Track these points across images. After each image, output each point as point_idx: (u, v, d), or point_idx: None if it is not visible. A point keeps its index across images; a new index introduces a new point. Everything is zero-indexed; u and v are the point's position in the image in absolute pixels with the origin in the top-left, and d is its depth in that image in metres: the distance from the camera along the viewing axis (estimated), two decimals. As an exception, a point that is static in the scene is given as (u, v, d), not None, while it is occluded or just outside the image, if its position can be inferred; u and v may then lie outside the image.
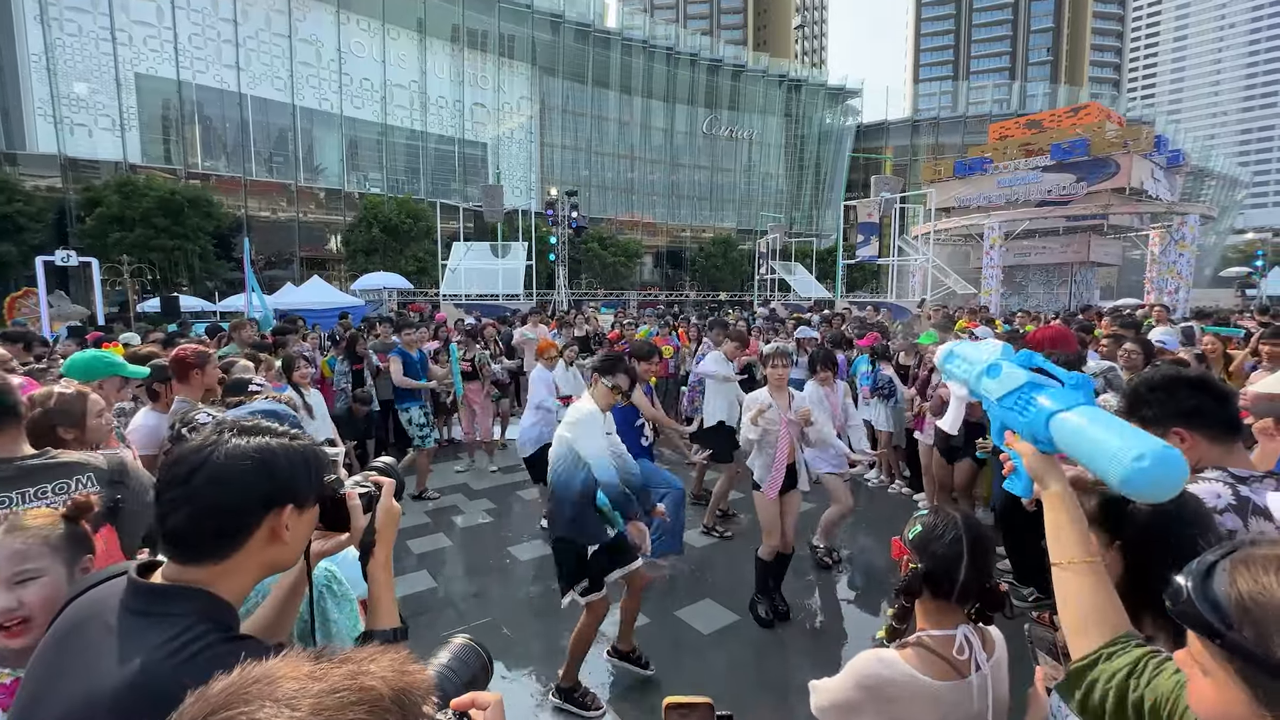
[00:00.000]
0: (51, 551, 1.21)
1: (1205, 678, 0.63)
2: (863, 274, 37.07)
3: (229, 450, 0.88)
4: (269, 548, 0.90)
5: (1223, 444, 1.60)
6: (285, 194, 31.75)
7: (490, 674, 0.94)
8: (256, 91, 30.35)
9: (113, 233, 21.68)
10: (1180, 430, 1.61)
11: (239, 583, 0.89)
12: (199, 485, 0.85)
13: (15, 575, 1.16)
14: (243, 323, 6.47)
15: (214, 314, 17.36)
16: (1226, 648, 0.59)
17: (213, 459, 0.87)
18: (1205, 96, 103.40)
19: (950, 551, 1.26)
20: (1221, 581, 0.61)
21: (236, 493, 0.86)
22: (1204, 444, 1.59)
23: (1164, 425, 1.64)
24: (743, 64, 45.94)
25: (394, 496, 1.09)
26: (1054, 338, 3.79)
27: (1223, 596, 0.60)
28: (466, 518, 5.47)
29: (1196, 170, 42.57)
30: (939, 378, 4.97)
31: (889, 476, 6.28)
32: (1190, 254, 22.27)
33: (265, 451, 0.90)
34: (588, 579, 2.87)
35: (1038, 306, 21.64)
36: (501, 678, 3.22)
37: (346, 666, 0.50)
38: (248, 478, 0.87)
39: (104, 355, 3.01)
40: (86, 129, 26.73)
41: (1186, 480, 0.87)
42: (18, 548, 1.18)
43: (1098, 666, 0.85)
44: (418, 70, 35.23)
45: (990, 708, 1.25)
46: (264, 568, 0.92)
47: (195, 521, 0.85)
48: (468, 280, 20.18)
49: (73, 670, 0.80)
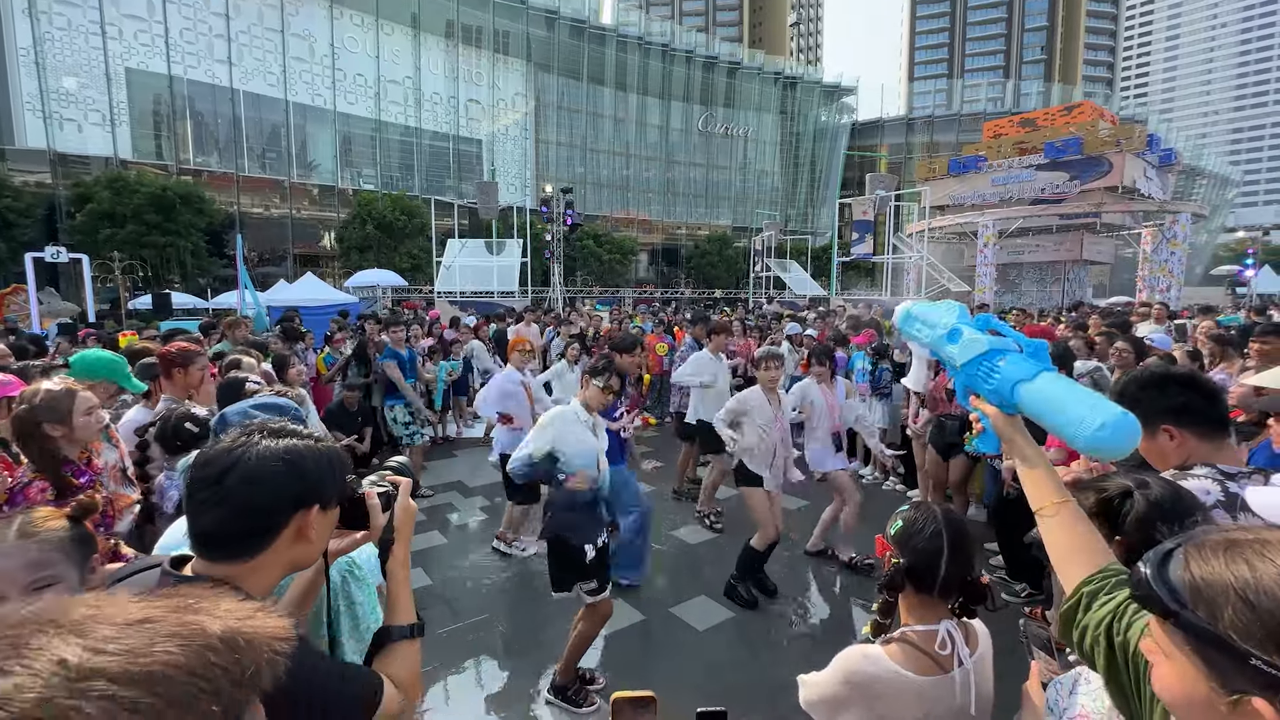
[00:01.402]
0: (65, 557, 1.21)
1: (1167, 661, 0.67)
2: (857, 272, 37.16)
3: (260, 452, 0.91)
4: (295, 546, 0.93)
5: (1212, 440, 1.61)
6: (278, 190, 31.55)
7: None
8: (249, 87, 30.12)
9: (103, 229, 21.49)
10: (1169, 428, 1.63)
11: (265, 579, 0.92)
12: (232, 486, 0.88)
13: (33, 582, 1.16)
14: (238, 320, 6.43)
15: (206, 311, 17.24)
16: (1182, 627, 0.63)
17: (244, 460, 0.90)
18: (1197, 96, 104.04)
19: (931, 546, 1.28)
20: (1177, 566, 0.66)
21: (268, 493, 0.90)
22: (1193, 440, 1.61)
23: (1154, 423, 1.65)
24: (738, 61, 45.89)
25: (410, 494, 1.13)
26: (1037, 335, 3.84)
27: (1177, 580, 0.64)
28: (461, 515, 5.47)
29: (1188, 169, 42.84)
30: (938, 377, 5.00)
31: (883, 473, 6.31)
32: (1182, 252, 22.43)
33: (294, 453, 0.93)
34: (595, 580, 2.84)
35: (1031, 304, 21.76)
36: (497, 673, 3.23)
37: (176, 600, 0.46)
38: (279, 479, 0.90)
39: (110, 360, 2.99)
40: (76, 124, 26.47)
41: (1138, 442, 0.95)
42: (35, 556, 1.17)
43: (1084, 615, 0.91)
44: (412, 66, 35.04)
45: (973, 702, 1.26)
46: (289, 565, 0.96)
47: (227, 522, 0.88)
48: (462, 277, 20.14)
49: None
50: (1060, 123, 26.30)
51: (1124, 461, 2.39)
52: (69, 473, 2.06)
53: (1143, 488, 1.14)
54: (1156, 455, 1.67)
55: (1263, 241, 41.78)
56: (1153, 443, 1.67)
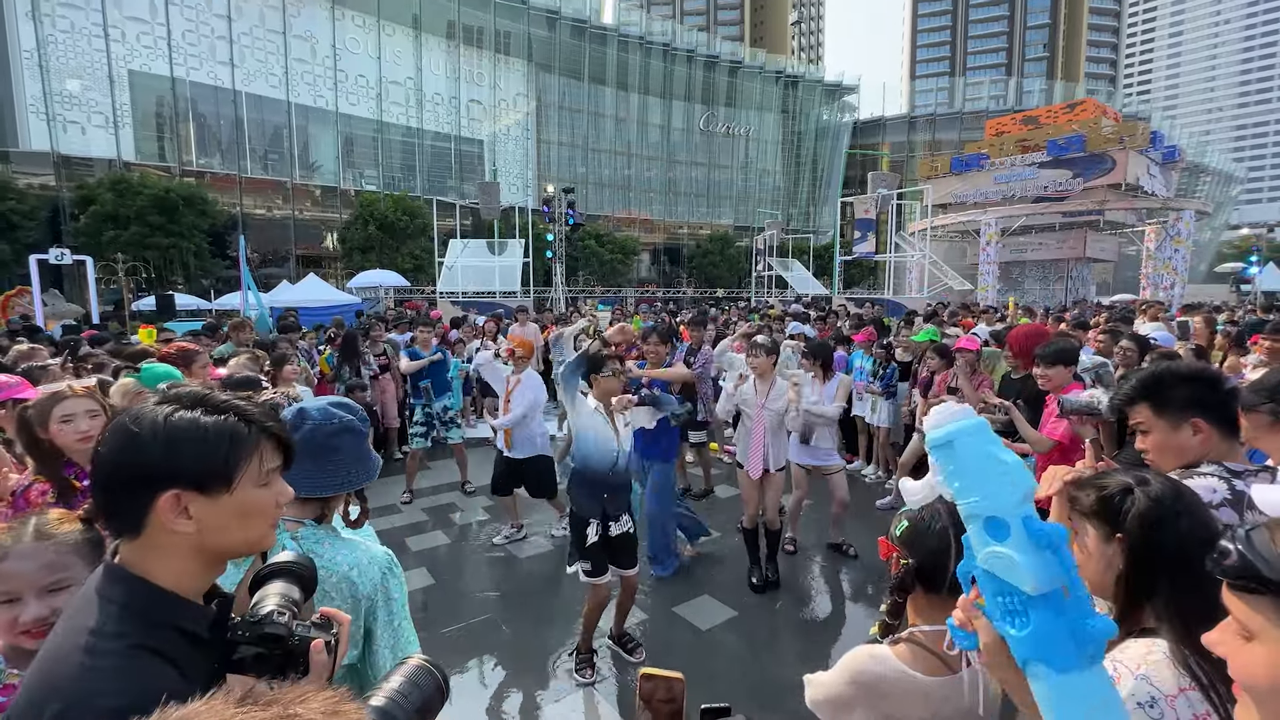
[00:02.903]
0: (80, 559, 1.21)
1: (1252, 645, 0.66)
2: (860, 270, 37.11)
3: (116, 424, 0.82)
4: (181, 532, 0.80)
5: (1229, 440, 1.63)
6: (281, 191, 31.62)
7: (446, 696, 0.85)
8: (251, 88, 30.19)
9: (107, 231, 21.55)
10: (1199, 421, 1.63)
11: (171, 566, 0.81)
12: (96, 455, 0.82)
13: (50, 584, 1.16)
14: (242, 322, 6.45)
15: (210, 313, 17.30)
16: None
17: (113, 428, 0.82)
18: (1200, 92, 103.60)
19: (939, 544, 1.27)
20: (1263, 539, 0.66)
21: (107, 469, 0.81)
22: (1216, 437, 1.62)
23: (1184, 414, 1.65)
24: (739, 60, 45.83)
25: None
26: (1029, 334, 3.89)
27: (1267, 551, 0.65)
28: (464, 515, 5.47)
29: (1191, 166, 42.69)
30: (935, 376, 4.99)
31: (885, 472, 6.30)
32: (1185, 250, 22.37)
33: (143, 425, 0.80)
34: (590, 563, 3.14)
35: (1034, 302, 21.69)
36: (499, 673, 3.24)
37: (273, 709, 0.47)
38: (118, 454, 0.80)
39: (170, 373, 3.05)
40: (80, 126, 26.55)
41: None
42: (52, 559, 1.17)
43: None
44: (413, 67, 35.07)
45: (981, 702, 1.25)
46: (195, 551, 0.83)
47: (94, 493, 0.83)
48: (465, 278, 20.14)
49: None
50: (1063, 120, 26.24)
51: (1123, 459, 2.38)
52: (72, 475, 2.06)
53: (1143, 485, 1.13)
54: (1173, 449, 1.66)
55: (1267, 239, 41.61)
56: (1175, 435, 1.66)
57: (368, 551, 1.35)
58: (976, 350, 4.61)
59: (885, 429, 6.05)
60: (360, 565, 1.31)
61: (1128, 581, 1.09)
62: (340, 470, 1.37)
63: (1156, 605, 1.06)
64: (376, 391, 6.80)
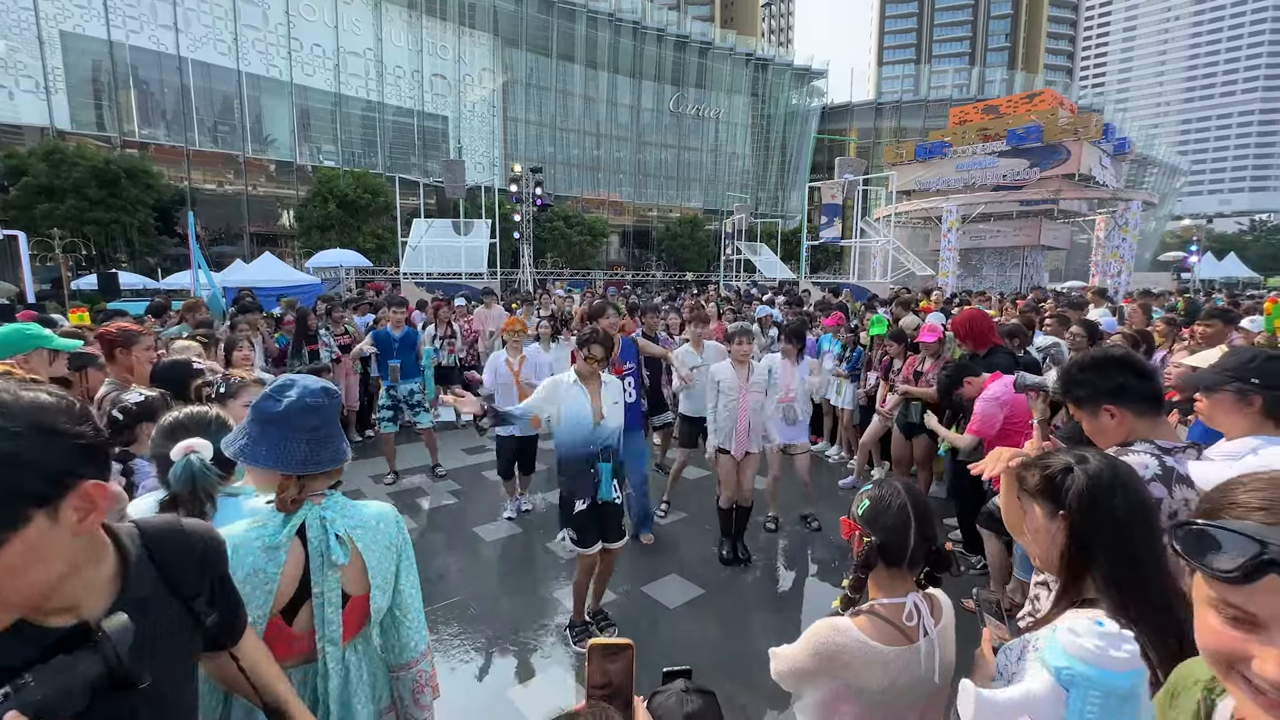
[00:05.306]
0: None
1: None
2: (826, 255, 37.64)
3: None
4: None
5: (1149, 418, 1.70)
6: (232, 165, 30.13)
7: None
8: (198, 55, 28.48)
9: (40, 204, 20.22)
10: (1110, 407, 1.72)
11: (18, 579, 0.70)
12: None
13: None
14: (196, 302, 6.17)
15: (157, 292, 16.47)
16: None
17: None
18: (1150, 87, 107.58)
19: (898, 520, 1.33)
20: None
21: None
22: (1131, 418, 1.70)
23: (1096, 404, 1.74)
24: (709, 41, 45.42)
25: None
26: (970, 319, 4.34)
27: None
28: (432, 499, 5.42)
29: (1140, 158, 44.44)
30: (899, 363, 5.16)
31: (848, 453, 6.48)
32: (1132, 239, 23.34)
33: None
34: (578, 532, 3.19)
35: (991, 288, 22.41)
36: (471, 653, 3.25)
37: None
38: None
39: (25, 328, 2.76)
40: (7, 90, 24.67)
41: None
42: None
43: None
44: (372, 37, 33.62)
45: (937, 670, 1.32)
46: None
47: None
48: (429, 258, 19.61)
49: None
50: (1022, 110, 26.91)
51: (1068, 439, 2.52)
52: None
53: (1082, 463, 1.20)
54: (1099, 433, 1.76)
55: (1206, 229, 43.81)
56: (1095, 422, 1.76)
57: (380, 507, 1.51)
58: (939, 339, 4.83)
59: (849, 411, 6.23)
60: (385, 517, 1.49)
61: (1069, 555, 1.16)
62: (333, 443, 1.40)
63: (1095, 577, 1.14)
64: (340, 373, 6.64)
